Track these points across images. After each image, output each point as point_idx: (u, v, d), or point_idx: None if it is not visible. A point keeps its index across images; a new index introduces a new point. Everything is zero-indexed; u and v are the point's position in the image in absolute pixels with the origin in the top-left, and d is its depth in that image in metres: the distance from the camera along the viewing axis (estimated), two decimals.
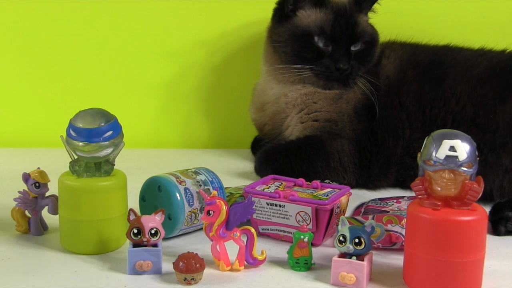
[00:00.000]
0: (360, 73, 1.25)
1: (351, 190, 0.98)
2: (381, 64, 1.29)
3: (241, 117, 1.52)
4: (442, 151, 0.73)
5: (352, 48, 1.26)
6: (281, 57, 1.28)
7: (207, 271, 0.80)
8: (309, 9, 1.27)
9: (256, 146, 1.42)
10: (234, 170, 1.34)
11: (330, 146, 1.23)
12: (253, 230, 0.84)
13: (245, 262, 0.83)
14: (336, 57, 1.23)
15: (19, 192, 0.94)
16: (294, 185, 1.00)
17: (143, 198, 0.96)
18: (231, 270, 0.83)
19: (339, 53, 1.24)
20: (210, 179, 0.97)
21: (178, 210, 0.91)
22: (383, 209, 1.02)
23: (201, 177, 0.96)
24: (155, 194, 0.93)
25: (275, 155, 1.25)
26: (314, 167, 1.22)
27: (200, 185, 0.94)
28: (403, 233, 0.87)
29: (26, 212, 0.95)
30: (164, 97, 1.57)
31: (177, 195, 0.91)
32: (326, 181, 1.11)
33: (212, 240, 0.83)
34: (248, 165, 1.35)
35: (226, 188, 1.01)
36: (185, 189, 0.92)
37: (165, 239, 0.87)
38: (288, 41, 1.26)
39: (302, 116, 1.29)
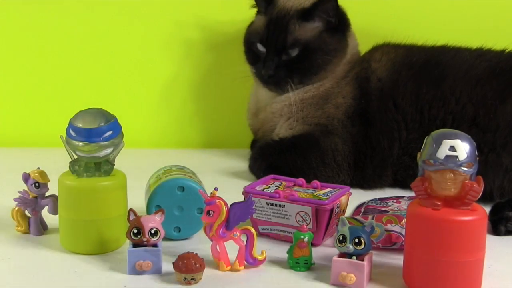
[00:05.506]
0: (291, 80, 1.28)
1: (351, 190, 0.98)
2: (371, 68, 1.29)
3: (238, 116, 1.52)
4: (442, 151, 0.73)
5: (284, 56, 1.28)
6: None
7: (207, 271, 0.80)
8: (259, 15, 1.35)
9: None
10: (231, 169, 1.34)
11: (324, 143, 1.24)
12: (253, 230, 0.84)
13: (245, 262, 0.83)
14: (264, 63, 1.28)
15: (19, 192, 0.94)
16: (294, 185, 1.00)
17: (155, 206, 0.90)
18: (231, 270, 0.83)
19: (267, 59, 1.28)
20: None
21: None
22: (383, 209, 1.02)
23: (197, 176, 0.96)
24: (174, 197, 0.90)
25: (270, 151, 1.26)
26: (309, 163, 1.22)
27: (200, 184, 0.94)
28: (403, 233, 0.87)
29: (26, 212, 0.95)
30: (162, 97, 1.57)
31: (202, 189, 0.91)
32: None
33: (212, 240, 0.83)
34: (245, 165, 1.34)
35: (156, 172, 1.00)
36: None
37: (165, 239, 0.87)
38: (244, 44, 1.36)
39: (291, 123, 1.31)
